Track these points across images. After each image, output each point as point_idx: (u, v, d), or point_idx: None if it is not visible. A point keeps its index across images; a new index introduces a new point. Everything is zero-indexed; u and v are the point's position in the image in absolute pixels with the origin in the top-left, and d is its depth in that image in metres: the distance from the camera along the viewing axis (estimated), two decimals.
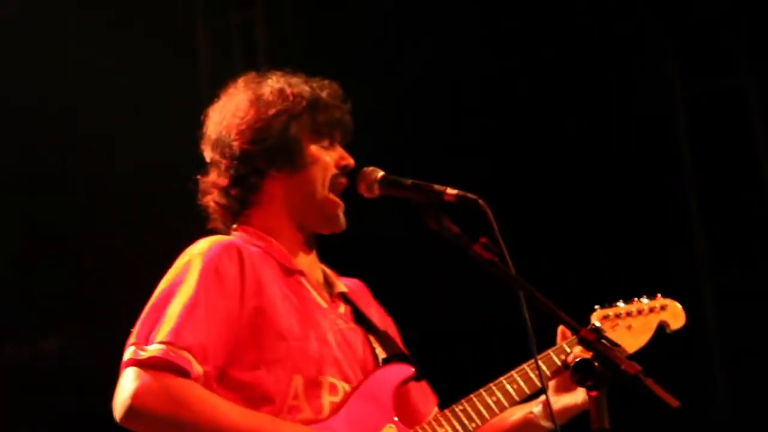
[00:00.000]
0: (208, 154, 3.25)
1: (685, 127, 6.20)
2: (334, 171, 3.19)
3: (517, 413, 3.28)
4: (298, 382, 3.01)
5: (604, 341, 2.48)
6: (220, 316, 2.95)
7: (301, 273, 3.18)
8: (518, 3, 6.13)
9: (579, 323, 2.65)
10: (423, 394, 3.32)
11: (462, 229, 2.78)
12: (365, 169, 3.04)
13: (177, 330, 2.89)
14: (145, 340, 2.90)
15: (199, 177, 3.27)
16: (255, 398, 2.97)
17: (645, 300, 3.51)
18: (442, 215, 2.80)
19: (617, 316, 3.46)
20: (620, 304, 3.49)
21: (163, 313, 2.93)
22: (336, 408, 3.04)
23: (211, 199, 3.24)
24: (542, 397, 3.23)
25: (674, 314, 3.52)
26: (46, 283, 5.88)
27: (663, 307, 3.52)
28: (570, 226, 5.89)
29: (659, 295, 3.54)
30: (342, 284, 3.30)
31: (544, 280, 2.80)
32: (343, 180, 3.19)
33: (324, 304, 3.19)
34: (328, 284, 3.28)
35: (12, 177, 5.86)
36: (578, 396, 3.19)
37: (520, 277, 2.67)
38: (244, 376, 2.98)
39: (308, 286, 3.19)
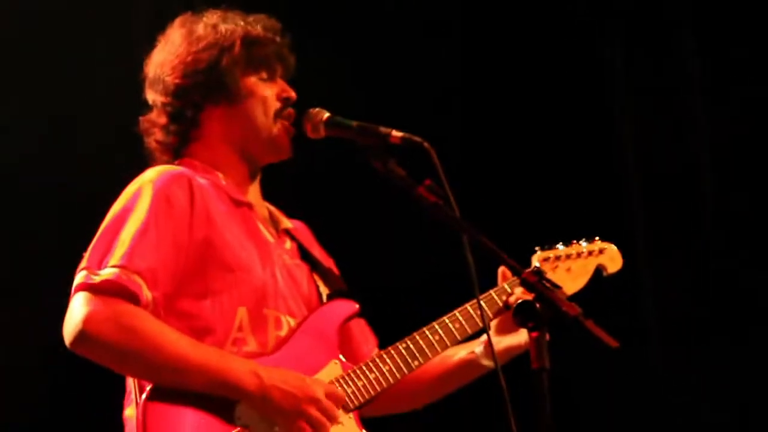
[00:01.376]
0: (149, 96, 3.25)
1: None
2: (276, 104, 3.20)
3: (460, 352, 3.34)
4: (242, 313, 3.04)
5: (545, 283, 2.53)
6: (170, 243, 2.97)
7: (249, 206, 3.20)
8: None
9: (520, 265, 2.69)
10: (364, 335, 3.38)
11: (407, 172, 2.80)
12: (311, 110, 3.05)
13: (129, 254, 2.90)
14: (98, 264, 2.91)
15: (140, 118, 3.26)
16: (199, 328, 2.99)
17: (584, 243, 3.59)
18: (387, 157, 2.82)
19: (557, 258, 3.53)
20: (560, 246, 3.56)
21: (115, 238, 2.94)
22: (281, 342, 3.07)
23: (153, 139, 3.24)
24: (484, 337, 3.29)
25: (611, 258, 3.60)
26: None
27: (601, 251, 3.59)
28: (511, 169, 5.93)
29: (597, 239, 3.61)
30: (287, 221, 3.33)
31: (486, 223, 2.83)
32: (291, 110, 3.21)
33: (271, 239, 3.22)
34: (274, 220, 3.30)
35: None
36: (520, 337, 3.26)
37: (464, 219, 2.71)
38: (190, 305, 3.01)
39: (256, 219, 3.21)
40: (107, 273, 2.88)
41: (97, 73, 5.16)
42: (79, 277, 2.91)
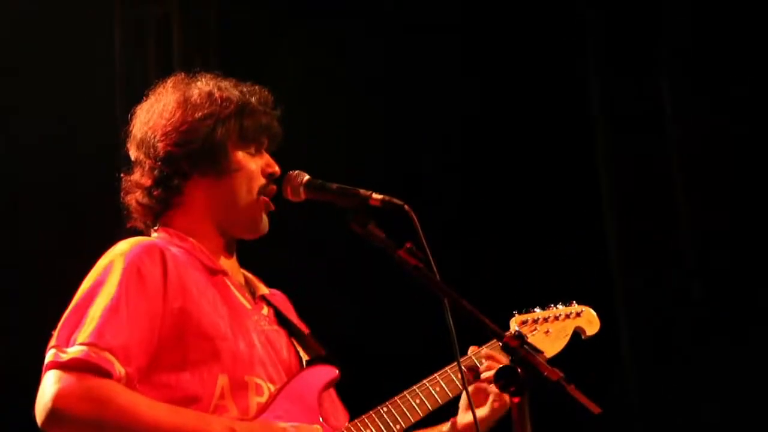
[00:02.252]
0: (133, 153, 3.22)
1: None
2: (261, 180, 3.18)
3: None
4: (223, 381, 2.99)
5: (526, 347, 2.51)
6: (142, 316, 2.92)
7: (225, 273, 3.17)
8: None
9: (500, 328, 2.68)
10: (334, 407, 3.28)
11: (387, 235, 2.80)
12: (291, 172, 3.04)
13: (99, 331, 2.86)
14: (66, 342, 2.86)
15: (122, 174, 3.24)
16: (180, 398, 2.94)
17: (561, 306, 3.61)
18: (367, 220, 2.81)
19: (535, 321, 3.54)
20: (537, 309, 3.58)
21: (84, 314, 2.90)
22: (262, 408, 3.03)
23: (134, 198, 3.21)
24: (451, 420, 3.29)
25: (589, 320, 3.62)
26: None
27: (578, 314, 3.62)
28: (490, 233, 5.96)
29: (574, 302, 3.64)
30: (263, 287, 3.30)
31: (466, 286, 2.82)
32: (273, 187, 3.18)
33: (247, 305, 3.19)
34: (250, 286, 3.27)
35: None
36: (485, 410, 3.24)
37: (445, 282, 2.69)
38: (168, 376, 2.96)
39: (231, 286, 3.18)
40: (75, 351, 2.84)
41: None
42: (49, 356, 2.87)
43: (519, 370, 2.46)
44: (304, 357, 3.23)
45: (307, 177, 3.00)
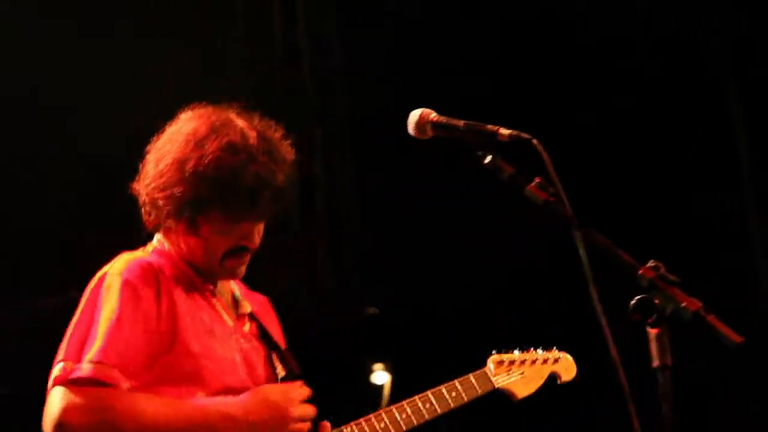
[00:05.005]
0: (150, 169, 3.26)
1: None
2: (226, 249, 3.24)
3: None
4: (200, 397, 3.16)
5: (664, 277, 2.46)
6: (141, 335, 3.10)
7: (212, 292, 3.32)
8: None
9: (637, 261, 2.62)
10: None
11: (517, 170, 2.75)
12: (419, 111, 2.97)
13: (105, 349, 3.04)
14: (75, 358, 3.04)
15: (138, 184, 3.30)
16: None
17: (540, 351, 3.92)
18: (496, 155, 2.77)
19: (511, 362, 3.85)
20: (516, 352, 3.88)
21: (89, 331, 3.08)
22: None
23: (148, 210, 3.28)
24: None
25: (566, 367, 3.93)
26: None
27: (556, 360, 3.92)
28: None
29: (555, 348, 3.94)
30: (248, 304, 3.44)
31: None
32: (242, 257, 3.29)
33: (230, 323, 3.34)
34: (236, 304, 3.41)
35: None
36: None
37: (576, 216, 2.65)
38: (165, 390, 3.13)
39: (217, 305, 3.33)
40: (85, 368, 3.02)
41: None
42: (57, 369, 3.05)
43: (656, 300, 2.41)
44: (281, 374, 3.38)
45: (434, 115, 2.96)
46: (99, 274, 3.20)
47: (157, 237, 3.34)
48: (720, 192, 6.13)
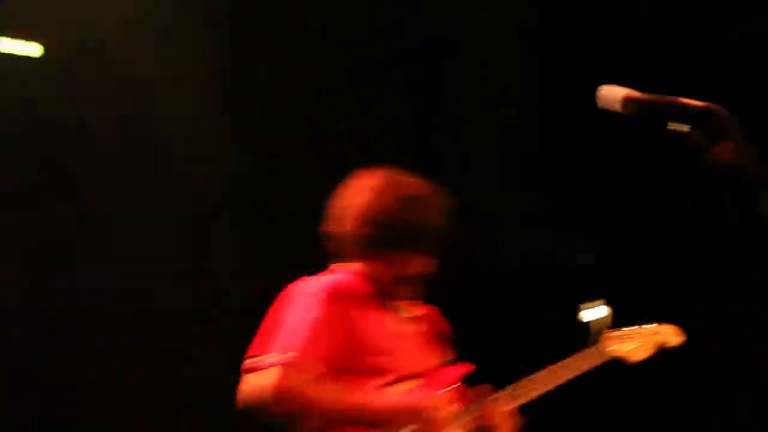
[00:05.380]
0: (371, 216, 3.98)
1: None
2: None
3: None
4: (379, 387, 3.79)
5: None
6: (324, 335, 3.68)
7: (395, 309, 3.95)
8: None
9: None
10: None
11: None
12: (603, 87, 3.00)
13: (293, 340, 3.62)
14: (262, 351, 3.60)
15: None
16: None
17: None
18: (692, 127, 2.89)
19: (622, 336, 4.65)
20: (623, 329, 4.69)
21: (279, 329, 3.66)
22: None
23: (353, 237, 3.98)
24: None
25: (673, 335, 4.73)
26: None
27: (658, 332, 4.74)
28: None
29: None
30: (420, 310, 4.10)
31: None
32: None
33: (405, 322, 4.03)
34: (410, 310, 4.07)
35: None
36: None
37: None
38: (342, 379, 3.70)
39: (396, 310, 4.00)
40: (271, 356, 3.57)
41: None
42: (248, 362, 3.60)
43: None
44: (448, 357, 4.10)
45: (623, 92, 3.00)
46: (301, 288, 3.82)
47: (336, 264, 3.97)
48: None
